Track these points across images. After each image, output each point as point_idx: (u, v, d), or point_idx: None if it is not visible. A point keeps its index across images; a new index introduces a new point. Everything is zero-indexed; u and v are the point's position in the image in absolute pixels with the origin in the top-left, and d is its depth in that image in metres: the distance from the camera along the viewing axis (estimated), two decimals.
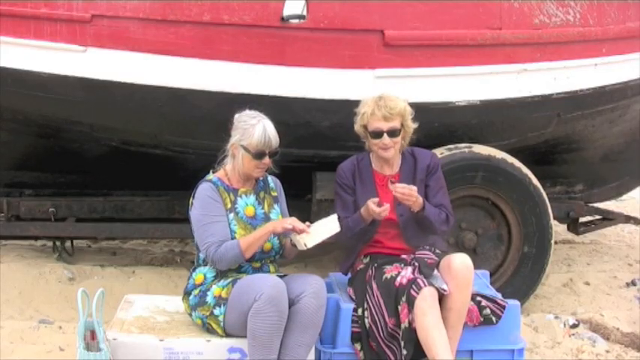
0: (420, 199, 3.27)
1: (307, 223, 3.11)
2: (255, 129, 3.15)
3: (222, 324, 3.12)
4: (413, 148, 3.50)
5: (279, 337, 2.98)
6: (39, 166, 4.77)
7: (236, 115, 3.26)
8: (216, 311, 3.12)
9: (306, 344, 3.06)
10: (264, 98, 3.93)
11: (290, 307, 3.02)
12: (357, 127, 3.43)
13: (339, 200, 3.45)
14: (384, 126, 3.31)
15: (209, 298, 3.15)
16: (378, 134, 3.33)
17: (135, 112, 4.11)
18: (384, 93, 3.40)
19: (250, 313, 2.95)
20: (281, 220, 3.18)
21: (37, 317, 4.04)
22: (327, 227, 3.09)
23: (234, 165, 3.24)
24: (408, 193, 3.20)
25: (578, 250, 5.80)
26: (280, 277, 3.14)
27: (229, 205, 3.21)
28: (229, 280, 3.16)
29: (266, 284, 2.97)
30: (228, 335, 3.14)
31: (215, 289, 3.16)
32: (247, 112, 3.25)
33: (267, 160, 3.20)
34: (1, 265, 4.59)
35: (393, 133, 3.32)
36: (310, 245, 3.08)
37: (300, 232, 3.06)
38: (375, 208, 3.21)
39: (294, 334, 3.03)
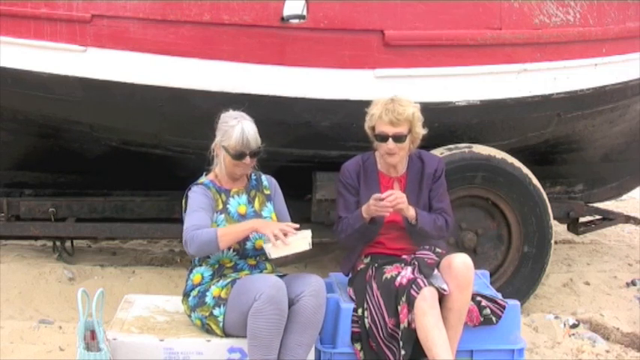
0: (412, 208, 3.26)
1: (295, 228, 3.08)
2: (234, 130, 3.16)
3: (221, 324, 3.12)
4: (420, 151, 3.49)
5: (278, 337, 2.98)
6: (39, 166, 4.77)
7: (221, 115, 3.28)
8: (216, 312, 3.12)
9: (306, 344, 3.06)
10: (264, 98, 3.93)
11: (289, 307, 3.02)
12: (366, 128, 3.41)
13: (342, 200, 3.44)
14: (390, 131, 3.29)
15: (208, 299, 3.15)
16: (383, 138, 3.31)
17: (135, 112, 4.11)
18: (397, 96, 3.37)
19: (250, 312, 2.95)
20: (267, 223, 3.12)
21: (37, 317, 4.04)
22: (297, 243, 3.02)
23: (219, 165, 3.26)
24: (397, 200, 3.17)
25: (578, 250, 5.80)
26: (280, 276, 3.14)
27: (220, 207, 3.22)
28: (228, 280, 3.16)
29: (266, 284, 2.97)
30: (227, 336, 3.14)
31: (214, 290, 3.16)
32: (230, 112, 3.26)
33: (247, 160, 3.20)
34: (1, 265, 4.59)
35: (398, 138, 3.30)
36: (274, 256, 3.04)
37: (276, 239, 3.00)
38: (375, 201, 3.16)
39: (294, 334, 3.03)
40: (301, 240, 3.03)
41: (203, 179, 3.29)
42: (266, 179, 3.41)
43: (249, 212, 3.27)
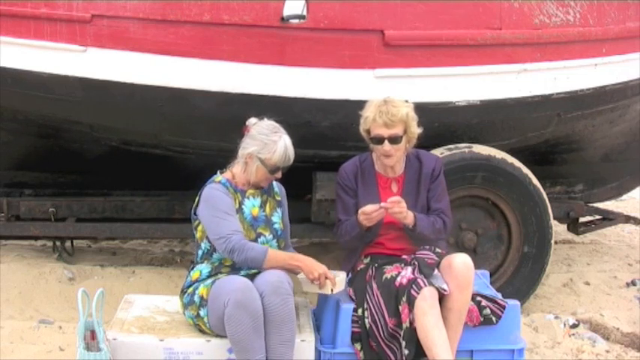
0: (410, 215, 3.25)
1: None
2: (277, 146, 3.14)
3: (207, 325, 3.12)
4: (418, 151, 3.48)
5: (259, 337, 2.97)
6: (39, 166, 4.77)
7: (253, 123, 3.23)
8: (202, 312, 3.13)
9: (287, 340, 3.03)
10: (264, 98, 3.93)
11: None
12: (361, 130, 3.41)
13: (340, 202, 3.44)
14: (385, 133, 3.29)
15: (196, 298, 3.15)
16: (379, 140, 3.31)
17: (135, 112, 4.11)
18: (389, 97, 3.37)
19: (224, 319, 2.96)
20: (313, 265, 3.13)
21: (37, 317, 4.04)
22: (325, 287, 3.13)
23: (244, 171, 3.22)
24: (398, 209, 3.18)
25: (578, 250, 5.80)
26: (255, 274, 3.13)
27: (237, 206, 3.21)
28: (212, 279, 3.16)
29: (232, 288, 2.96)
30: (217, 335, 3.13)
31: (201, 289, 3.15)
32: (266, 122, 3.22)
33: (280, 173, 3.22)
34: (1, 265, 4.59)
35: (394, 140, 3.30)
36: (304, 290, 3.20)
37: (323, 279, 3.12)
38: (364, 213, 3.19)
39: (272, 334, 3.01)
40: (329, 284, 3.13)
41: (219, 178, 3.25)
42: (276, 185, 3.39)
43: (261, 215, 3.26)
